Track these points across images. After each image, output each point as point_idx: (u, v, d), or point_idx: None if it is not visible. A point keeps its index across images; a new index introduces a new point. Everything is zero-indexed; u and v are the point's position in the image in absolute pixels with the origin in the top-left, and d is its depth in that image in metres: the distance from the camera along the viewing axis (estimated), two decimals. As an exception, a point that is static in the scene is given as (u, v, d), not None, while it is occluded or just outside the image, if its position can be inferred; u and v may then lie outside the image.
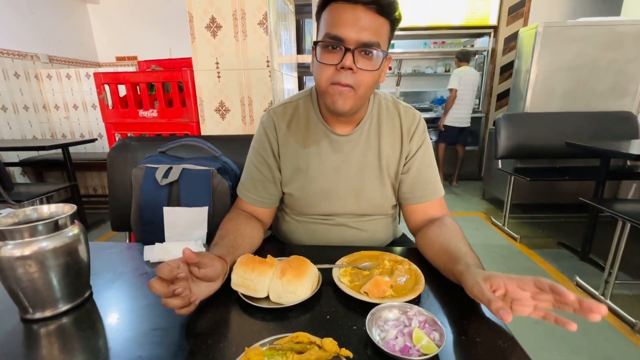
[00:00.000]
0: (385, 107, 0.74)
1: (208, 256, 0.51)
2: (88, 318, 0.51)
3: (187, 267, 0.48)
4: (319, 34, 0.63)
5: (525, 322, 1.39)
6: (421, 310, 0.47)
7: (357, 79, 0.60)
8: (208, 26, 1.37)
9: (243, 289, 0.53)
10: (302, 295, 0.52)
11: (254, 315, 0.50)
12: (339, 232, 0.77)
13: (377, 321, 0.47)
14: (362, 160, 0.73)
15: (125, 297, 0.56)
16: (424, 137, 0.74)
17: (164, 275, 0.43)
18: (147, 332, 0.47)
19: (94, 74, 1.53)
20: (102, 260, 0.68)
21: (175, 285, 0.45)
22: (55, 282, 0.49)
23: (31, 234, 0.47)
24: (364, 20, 0.57)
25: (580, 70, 2.63)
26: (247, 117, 1.48)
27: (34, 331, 0.48)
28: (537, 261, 2.02)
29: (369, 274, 0.58)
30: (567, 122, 2.48)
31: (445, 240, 0.62)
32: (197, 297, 0.47)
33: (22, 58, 2.73)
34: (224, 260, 0.54)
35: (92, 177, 3.08)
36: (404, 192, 0.75)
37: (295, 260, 0.56)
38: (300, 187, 0.74)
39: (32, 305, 0.49)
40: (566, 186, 2.72)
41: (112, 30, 3.55)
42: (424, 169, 0.74)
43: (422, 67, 4.62)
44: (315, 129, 0.73)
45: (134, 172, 0.80)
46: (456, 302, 0.53)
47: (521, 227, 2.52)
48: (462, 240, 0.62)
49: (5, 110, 2.59)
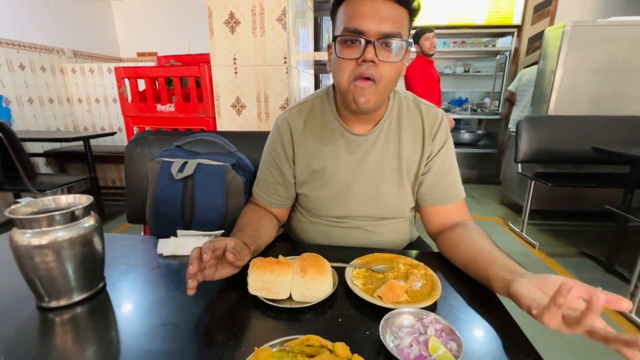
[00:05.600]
0: (406, 106, 0.72)
1: (244, 253, 0.56)
2: (101, 309, 0.51)
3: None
4: (336, 30, 0.61)
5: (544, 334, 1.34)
6: (438, 318, 0.45)
7: (379, 72, 0.58)
8: (227, 22, 1.38)
9: (264, 292, 0.51)
10: (326, 291, 0.51)
11: (266, 315, 0.49)
12: (354, 235, 0.75)
13: (391, 327, 0.45)
14: (380, 161, 0.70)
15: (138, 290, 0.56)
16: (447, 136, 0.71)
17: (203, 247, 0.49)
18: (158, 326, 0.47)
19: (114, 68, 1.56)
20: (116, 252, 0.68)
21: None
22: (71, 272, 0.50)
23: (49, 224, 0.48)
24: (383, 10, 0.56)
25: (610, 73, 2.50)
26: (263, 114, 1.48)
27: (49, 319, 0.49)
28: (558, 270, 1.94)
29: (383, 277, 0.56)
30: (594, 127, 2.36)
31: (474, 243, 0.59)
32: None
33: (48, 52, 2.83)
34: (248, 248, 0.58)
35: (111, 169, 3.16)
36: (423, 194, 0.72)
37: (311, 258, 0.55)
38: (315, 189, 0.73)
39: (48, 294, 0.50)
40: (590, 193, 2.60)
41: (134, 27, 3.64)
42: (445, 170, 0.71)
43: (441, 67, 4.51)
44: (332, 128, 0.71)
45: (150, 166, 0.81)
46: (475, 311, 0.51)
47: (540, 234, 2.43)
48: (492, 243, 0.59)
49: (31, 103, 2.69)
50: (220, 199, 0.79)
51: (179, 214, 0.78)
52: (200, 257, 0.48)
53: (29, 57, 2.66)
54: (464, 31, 3.69)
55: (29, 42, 2.67)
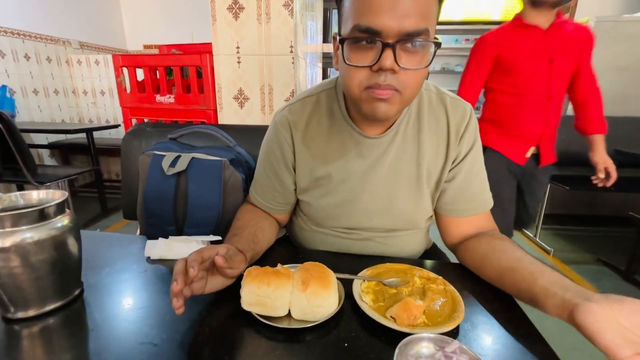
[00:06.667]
0: (428, 101, 0.60)
1: (237, 259, 0.49)
2: (75, 320, 0.45)
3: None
4: (344, 25, 0.48)
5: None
6: (463, 347, 0.38)
7: (402, 81, 0.46)
8: (230, 7, 1.30)
9: (259, 308, 0.44)
10: (331, 309, 0.44)
11: (260, 335, 0.42)
12: (363, 248, 0.66)
13: (407, 357, 0.38)
14: (395, 166, 0.60)
15: (119, 298, 0.50)
16: (475, 137, 0.60)
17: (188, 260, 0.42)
18: (135, 345, 0.40)
19: (112, 56, 1.51)
20: (100, 253, 0.62)
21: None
22: (40, 278, 0.44)
23: (13, 223, 0.41)
24: (405, 1, 0.42)
25: (633, 71, 2.37)
26: (267, 107, 1.41)
27: (14, 332, 0.43)
28: (574, 279, 1.84)
29: (396, 293, 0.49)
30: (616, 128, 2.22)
31: (509, 252, 0.52)
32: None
33: (54, 43, 2.79)
34: (243, 255, 0.51)
35: (115, 162, 3.13)
36: (445, 203, 0.63)
37: (314, 268, 0.48)
38: (319, 197, 0.63)
39: (14, 304, 0.44)
40: (608, 197, 2.49)
41: (141, 18, 3.59)
42: (473, 177, 0.61)
43: (452, 65, 4.39)
44: (340, 128, 0.60)
45: (141, 159, 0.75)
46: (505, 337, 0.43)
47: (555, 240, 2.32)
48: (528, 254, 0.51)
49: (36, 94, 2.67)
50: (217, 197, 0.72)
51: (170, 212, 0.72)
52: (185, 271, 0.41)
53: (34, 47, 2.63)
54: (478, 27, 3.55)
55: (34, 32, 2.63)
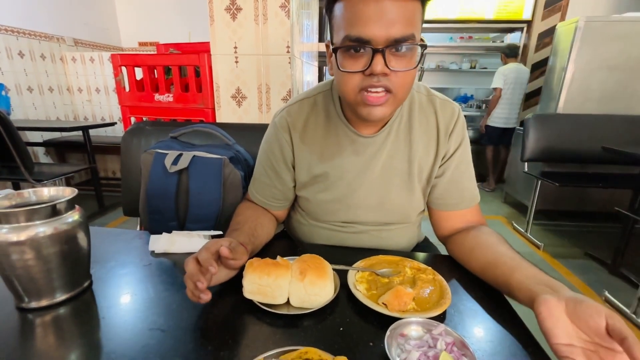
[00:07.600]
0: (418, 102, 0.64)
1: (240, 251, 0.52)
2: (85, 310, 0.48)
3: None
4: (335, 34, 0.52)
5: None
6: (448, 329, 0.41)
7: (393, 82, 0.50)
8: (228, 8, 1.32)
9: (260, 297, 0.48)
10: (327, 297, 0.48)
11: (261, 322, 0.46)
12: (358, 241, 0.70)
13: (397, 339, 0.41)
14: (388, 164, 0.64)
15: (126, 290, 0.53)
16: (463, 134, 0.64)
17: (202, 259, 0.45)
18: (144, 332, 0.43)
19: (111, 55, 1.52)
20: (106, 247, 0.65)
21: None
22: (52, 270, 0.46)
23: (27, 218, 0.44)
24: (391, 9, 0.45)
25: (622, 71, 2.43)
26: (264, 106, 1.43)
27: (28, 321, 0.46)
28: (563, 272, 1.90)
29: (388, 282, 0.52)
30: (604, 126, 2.30)
31: (492, 247, 0.55)
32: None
33: (48, 40, 2.77)
34: (245, 248, 0.54)
35: (112, 160, 3.13)
36: (436, 198, 0.67)
37: (311, 260, 0.52)
38: (317, 192, 0.67)
39: (28, 294, 0.46)
40: (596, 194, 2.55)
41: (136, 15, 3.57)
42: (462, 172, 0.65)
43: (447, 63, 4.44)
44: (336, 128, 0.64)
45: (143, 157, 0.77)
46: (488, 322, 0.47)
47: (545, 235, 2.39)
48: (512, 248, 0.55)
49: (31, 91, 2.65)
50: (217, 194, 0.75)
51: (172, 208, 0.74)
52: (203, 271, 0.44)
53: (28, 44, 2.61)
54: (472, 26, 3.59)
55: (28, 29, 2.61)
